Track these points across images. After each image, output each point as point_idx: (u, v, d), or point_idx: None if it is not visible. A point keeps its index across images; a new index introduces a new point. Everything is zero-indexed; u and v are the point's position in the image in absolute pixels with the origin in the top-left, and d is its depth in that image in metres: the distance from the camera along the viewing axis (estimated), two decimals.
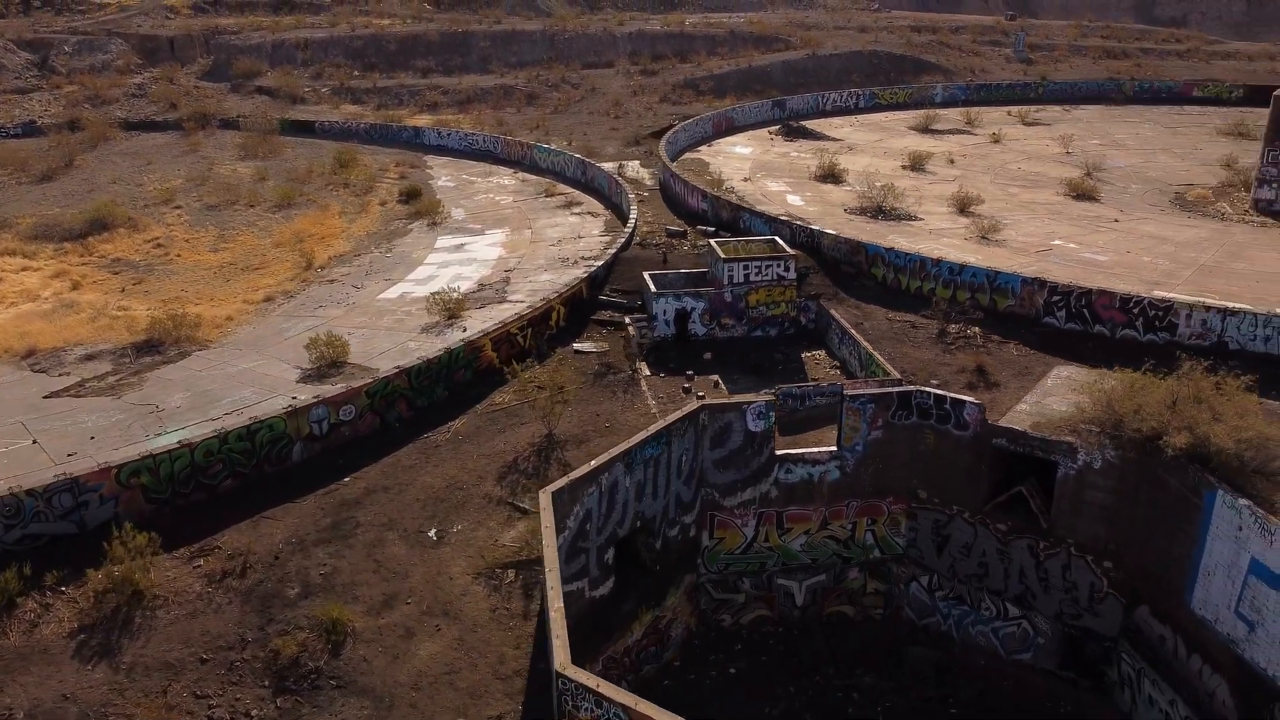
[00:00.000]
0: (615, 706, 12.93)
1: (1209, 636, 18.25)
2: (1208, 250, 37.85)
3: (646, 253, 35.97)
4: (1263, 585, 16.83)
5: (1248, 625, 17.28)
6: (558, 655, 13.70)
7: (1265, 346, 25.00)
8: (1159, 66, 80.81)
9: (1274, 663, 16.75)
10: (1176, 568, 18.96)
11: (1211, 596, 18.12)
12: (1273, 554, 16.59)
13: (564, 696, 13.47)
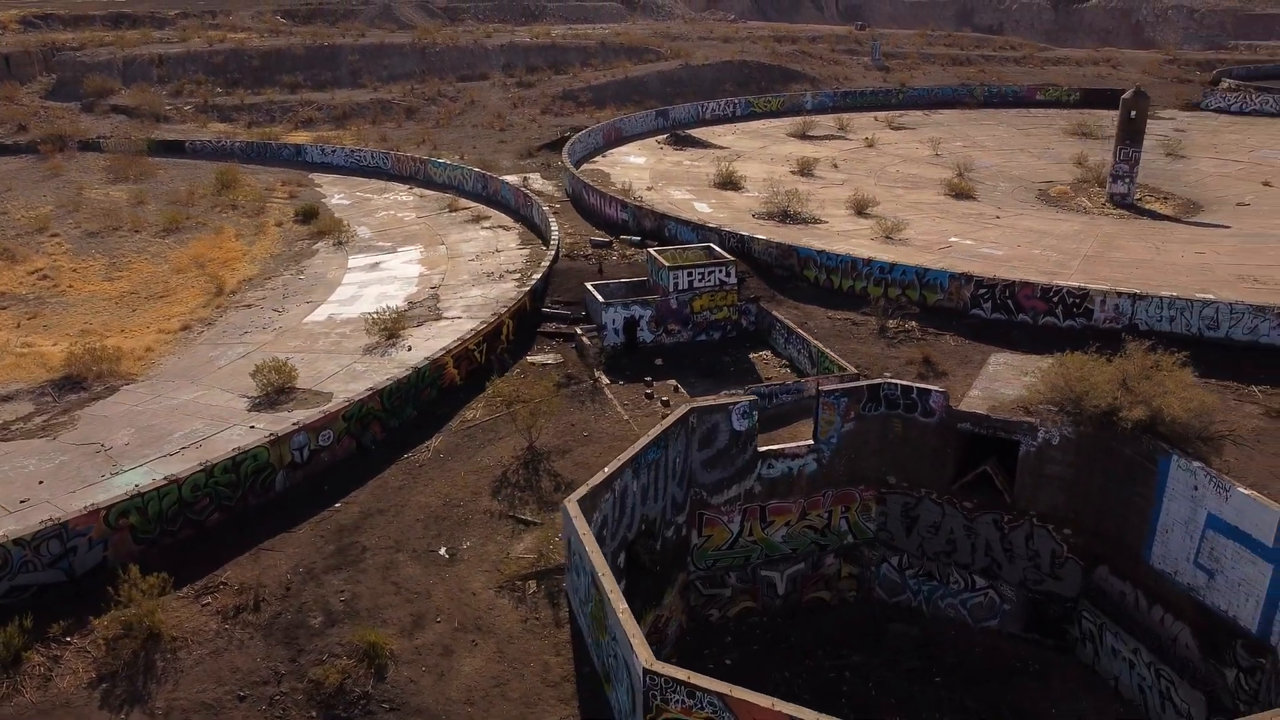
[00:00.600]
0: (710, 695, 13.61)
1: (1169, 588, 20.35)
2: (1085, 241, 41.31)
3: (577, 264, 36.52)
4: (1220, 537, 18.96)
5: (1207, 574, 19.40)
6: (641, 653, 14.25)
7: (1170, 327, 27.79)
8: (1000, 72, 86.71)
9: (1234, 604, 18.90)
10: (1134, 529, 21.02)
11: (1170, 551, 20.23)
12: (1228, 509, 18.73)
13: (652, 693, 14.03)
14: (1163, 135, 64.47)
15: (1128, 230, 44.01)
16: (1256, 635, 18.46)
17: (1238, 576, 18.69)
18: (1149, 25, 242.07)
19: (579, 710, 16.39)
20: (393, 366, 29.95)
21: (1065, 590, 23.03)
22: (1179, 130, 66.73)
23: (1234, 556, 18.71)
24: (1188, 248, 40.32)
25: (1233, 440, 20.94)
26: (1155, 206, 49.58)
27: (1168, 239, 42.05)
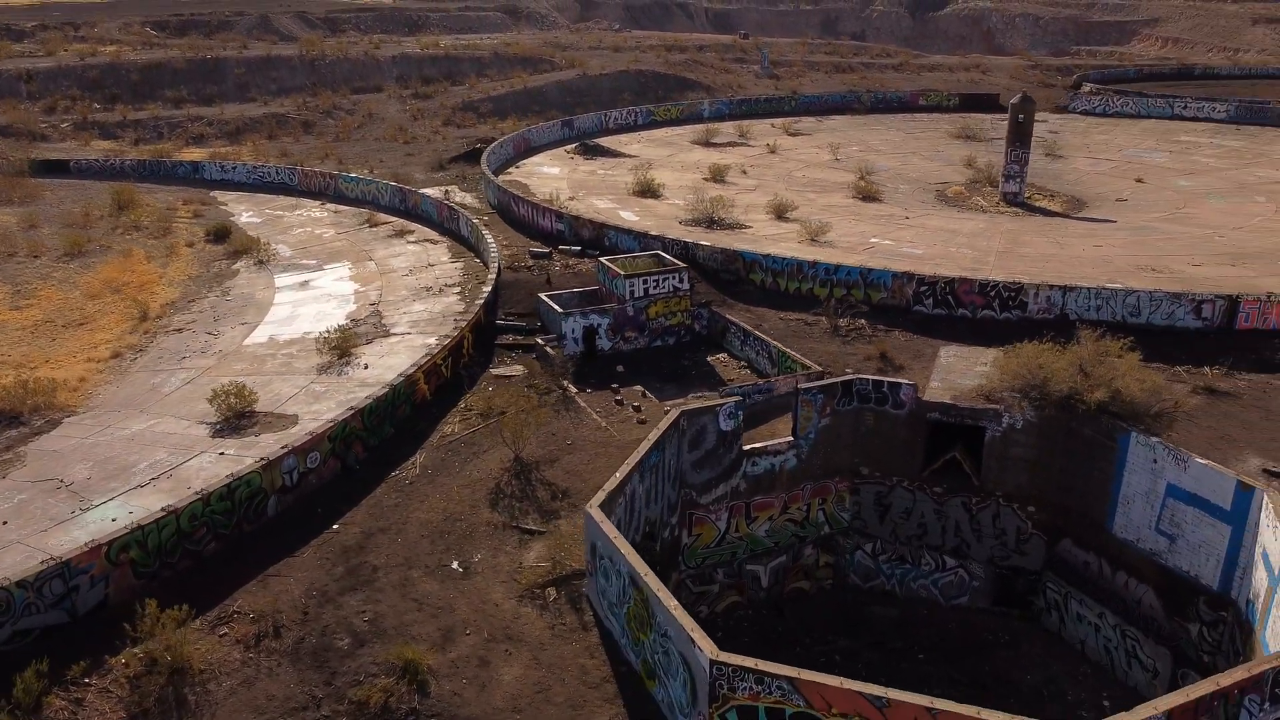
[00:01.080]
0: (779, 679, 14.33)
1: (1132, 554, 22.17)
2: (993, 239, 43.88)
3: (520, 276, 36.76)
4: (1180, 504, 20.82)
5: (1169, 539, 21.26)
6: (705, 646, 14.85)
7: (1096, 315, 30.03)
8: (881, 78, 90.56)
9: (1195, 565, 20.78)
10: (1096, 502, 22.81)
11: (1132, 520, 22.05)
12: (1187, 478, 20.60)
13: (718, 682, 14.65)
14: (1040, 137, 68.54)
15: (1028, 227, 46.89)
16: (1218, 591, 20.36)
17: (1198, 539, 20.56)
18: (999, 32, 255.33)
19: (625, 708, 16.85)
20: (353, 385, 29.68)
21: (1030, 564, 24.72)
22: (1053, 132, 71.16)
23: (1194, 521, 20.59)
24: (1085, 242, 43.33)
25: (1180, 415, 22.93)
26: (1044, 204, 52.84)
27: (1066, 234, 45.03)
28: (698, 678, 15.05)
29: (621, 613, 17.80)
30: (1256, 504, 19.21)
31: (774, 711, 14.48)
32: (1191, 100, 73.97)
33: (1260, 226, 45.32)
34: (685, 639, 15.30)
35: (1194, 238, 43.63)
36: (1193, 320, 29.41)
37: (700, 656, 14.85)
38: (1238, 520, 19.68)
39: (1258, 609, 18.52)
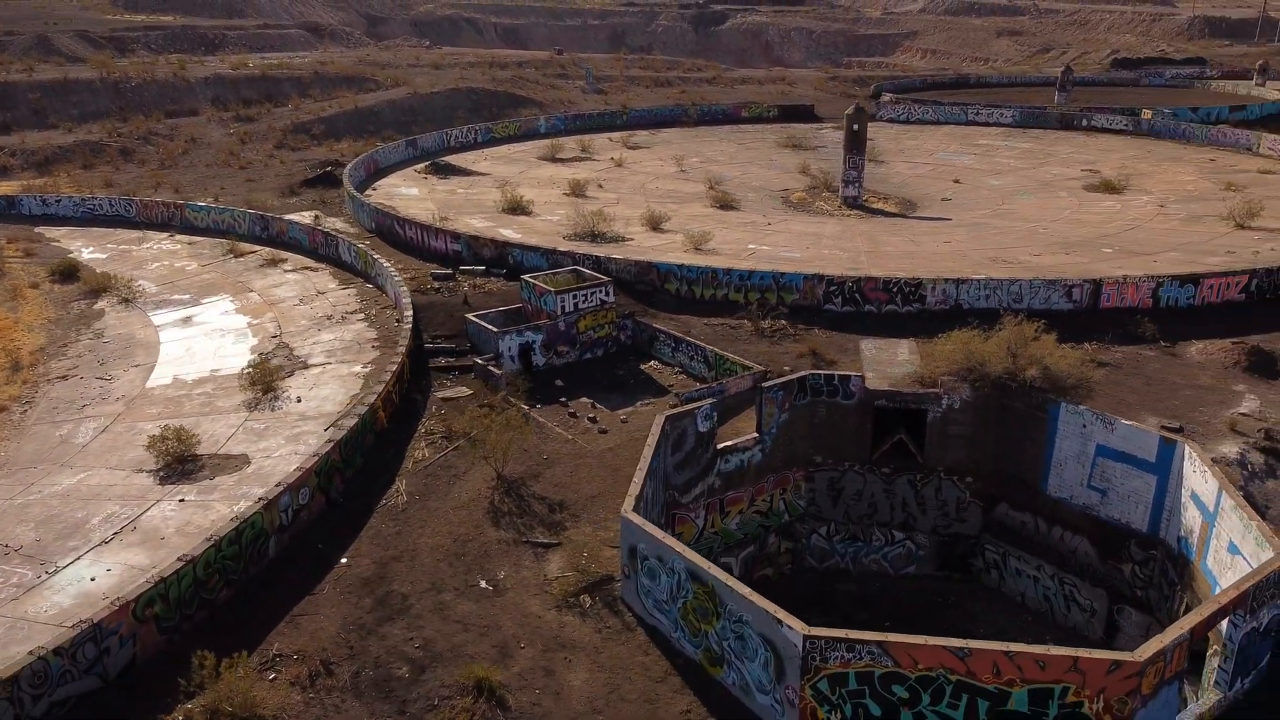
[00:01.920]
0: (869, 645, 15.86)
1: (1067, 510, 25.26)
2: (855, 239, 47.45)
3: (432, 298, 36.65)
4: (1109, 461, 24.00)
5: (1100, 493, 24.43)
6: (794, 623, 16.18)
7: (986, 303, 33.51)
8: (700, 92, 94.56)
9: (1126, 513, 24.00)
10: (1030, 468, 25.79)
11: (1065, 480, 25.13)
12: (1115, 438, 23.80)
13: (811, 655, 16.01)
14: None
15: (879, 228, 50.91)
16: (1147, 533, 23.64)
17: (1127, 490, 23.79)
18: (777, 45, 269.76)
19: (696, 696, 17.89)
20: (294, 419, 28.98)
21: (969, 530, 27.51)
22: (869, 139, 76.81)
23: (1123, 475, 23.81)
24: (934, 239, 47.61)
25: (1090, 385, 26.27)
26: (881, 206, 57.34)
27: (914, 233, 49.28)
28: (786, 655, 16.35)
29: (675, 609, 18.80)
30: (1179, 455, 22.54)
31: (863, 675, 15.99)
32: (982, 107, 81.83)
33: (1071, 219, 51.19)
34: (770, 621, 16.57)
35: (1022, 231, 48.81)
36: (1065, 303, 33.42)
37: (791, 634, 16.16)
38: (1162, 470, 22.98)
39: (1192, 543, 21.76)
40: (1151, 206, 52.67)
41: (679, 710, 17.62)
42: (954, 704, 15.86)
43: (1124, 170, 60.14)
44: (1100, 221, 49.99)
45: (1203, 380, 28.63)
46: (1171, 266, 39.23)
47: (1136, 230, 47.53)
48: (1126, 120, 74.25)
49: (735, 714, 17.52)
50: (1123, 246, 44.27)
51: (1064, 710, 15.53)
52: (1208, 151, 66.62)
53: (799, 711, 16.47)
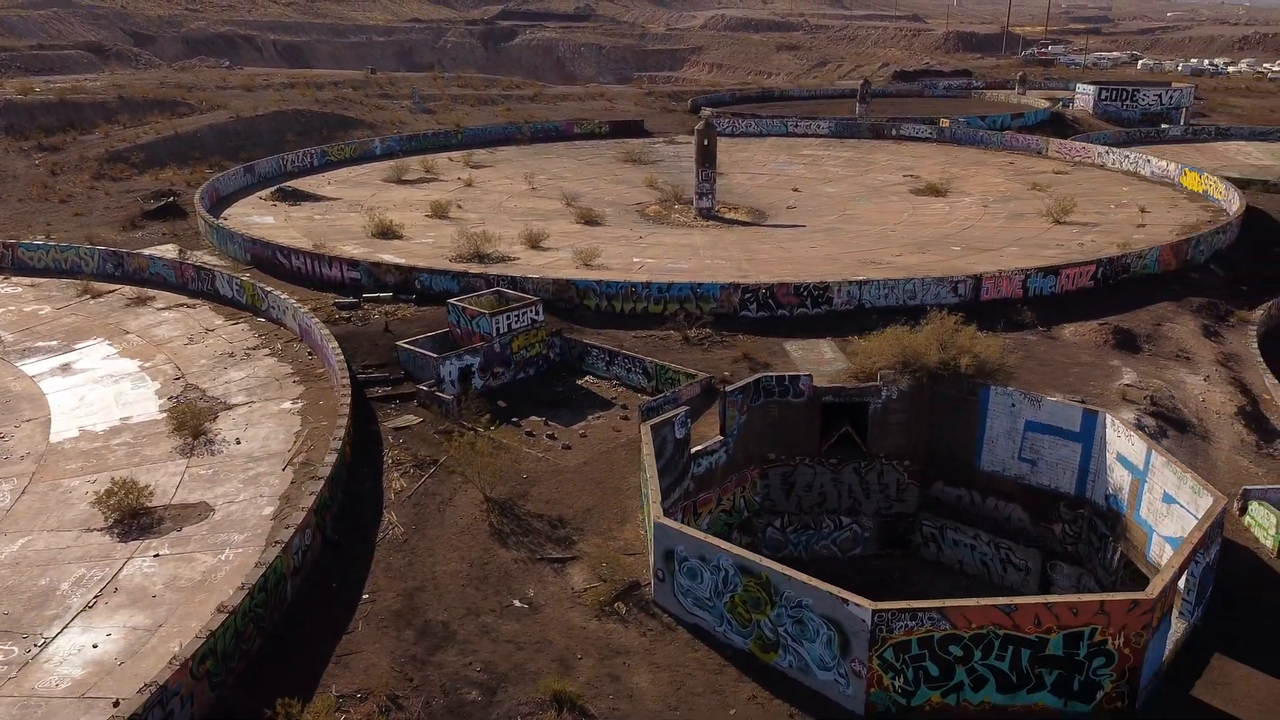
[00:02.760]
0: (929, 612, 17.64)
1: (1000, 481, 28.25)
2: (729, 249, 49.90)
3: (345, 328, 35.89)
4: (1038, 435, 27.12)
5: (1030, 464, 27.52)
6: (861, 601, 17.74)
7: (886, 301, 36.50)
8: (527, 110, 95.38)
9: (1054, 479, 27.17)
10: (964, 447, 28.64)
11: (997, 455, 28.10)
12: (1042, 413, 26.92)
13: (879, 627, 17.61)
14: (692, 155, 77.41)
15: (745, 237, 53.68)
16: (1074, 495, 26.89)
17: (1055, 459, 26.97)
18: (568, 60, 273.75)
19: (756, 681, 19.12)
20: (243, 461, 28.00)
21: (907, 508, 30.11)
22: None
23: (1050, 446, 26.97)
24: (800, 245, 50.85)
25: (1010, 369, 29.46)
26: (734, 216, 60.34)
27: (780, 240, 52.39)
28: (852, 630, 17.89)
29: (720, 604, 19.95)
30: (1100, 424, 25.85)
31: (924, 640, 17.77)
32: (800, 119, 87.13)
33: (912, 221, 55.92)
34: (834, 602, 18.07)
35: (874, 234, 52.92)
36: (952, 297, 36.93)
37: (859, 611, 17.73)
38: (1086, 439, 26.25)
39: (1122, 499, 25.04)
40: (976, 207, 58.30)
41: (745, 697, 18.79)
42: (1001, 656, 17.91)
43: (939, 174, 66.00)
44: (938, 222, 54.92)
45: (1084, 359, 32.61)
46: (1016, 260, 44.00)
47: (973, 229, 52.60)
48: (930, 129, 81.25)
49: (796, 694, 18.87)
50: (968, 244, 48.98)
51: (1092, 649, 17.89)
52: (1005, 155, 74.09)
53: (865, 681, 18.04)
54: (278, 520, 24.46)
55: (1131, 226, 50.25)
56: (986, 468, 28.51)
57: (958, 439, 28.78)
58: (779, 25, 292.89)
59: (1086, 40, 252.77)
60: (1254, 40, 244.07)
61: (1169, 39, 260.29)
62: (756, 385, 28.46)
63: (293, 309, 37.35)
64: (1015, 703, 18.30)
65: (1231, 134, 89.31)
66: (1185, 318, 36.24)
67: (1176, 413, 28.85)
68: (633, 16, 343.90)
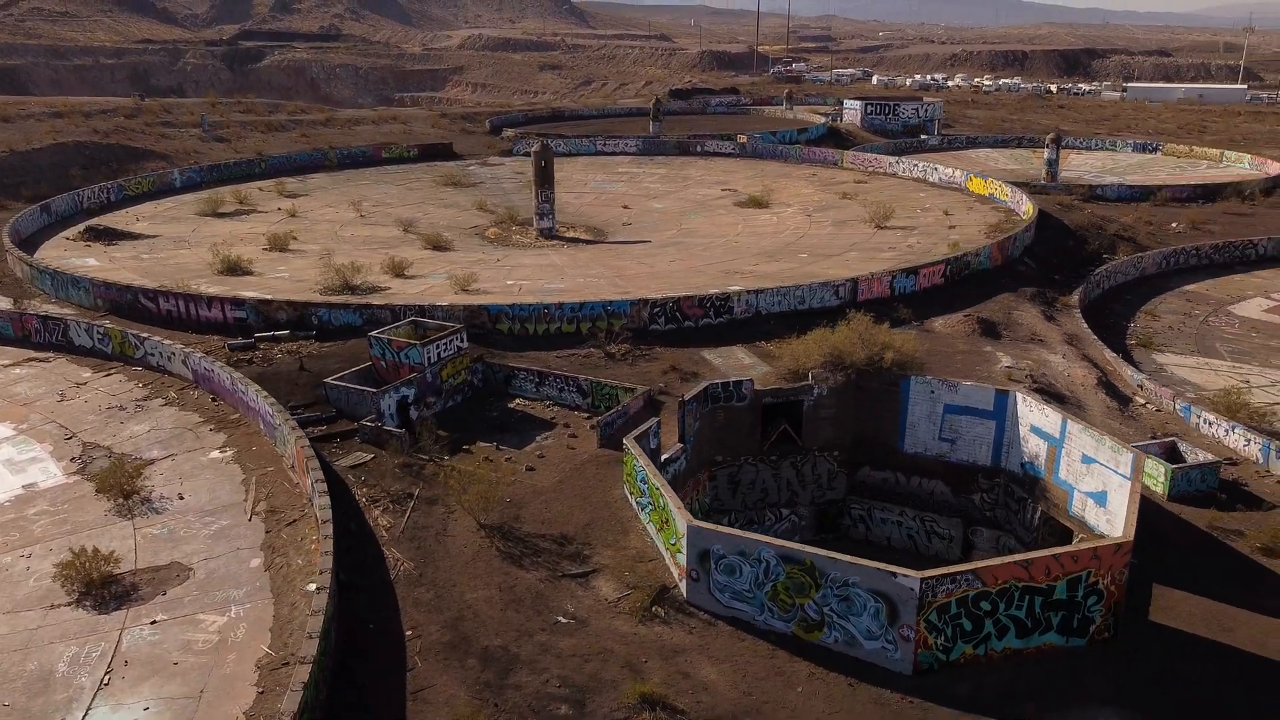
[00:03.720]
0: (966, 574, 20.04)
1: (923, 461, 31.50)
2: (592, 266, 51.38)
3: (259, 369, 34.41)
4: (956, 416, 30.56)
5: (950, 443, 30.93)
6: (908, 571, 19.87)
7: (779, 307, 39.29)
8: (324, 134, 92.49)
9: (972, 454, 30.69)
10: (887, 433, 31.71)
11: (919, 438, 31.35)
12: (959, 397, 30.37)
13: (925, 594, 19.80)
14: (512, 178, 78.46)
15: (602, 255, 55.30)
16: (990, 466, 30.53)
17: (972, 436, 30.51)
18: (323, 82, 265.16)
19: (804, 658, 20.84)
20: (197, 517, 26.68)
21: (837, 495, 32.87)
22: (518, 173, 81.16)
23: (968, 425, 30.49)
24: (658, 259, 53.10)
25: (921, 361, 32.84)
26: (576, 235, 61.87)
27: (636, 255, 54.40)
28: (901, 600, 19.99)
29: (761, 594, 21.51)
30: (1012, 401, 29.59)
31: (960, 600, 20.16)
32: (607, 138, 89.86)
33: (749, 232, 59.64)
34: (883, 576, 20.11)
35: (721, 246, 56.11)
36: (834, 299, 40.29)
37: (907, 581, 19.85)
38: (999, 416, 29.92)
39: (1039, 464, 28.78)
40: (801, 217, 62.97)
41: (805, 675, 20.47)
42: (1020, 605, 20.62)
43: (755, 188, 70.57)
44: (772, 232, 58.95)
45: (961, 347, 36.75)
46: (859, 263, 48.44)
47: (808, 237, 56.94)
48: (732, 145, 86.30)
49: (847, 665, 20.73)
50: (811, 251, 53.09)
51: (1087, 589, 20.96)
52: (806, 168, 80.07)
53: (913, 644, 20.21)
54: (272, 571, 23.67)
55: (944, 228, 56.26)
56: (910, 450, 31.71)
57: (882, 426, 31.81)
58: (537, 45, 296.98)
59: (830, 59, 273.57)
60: (962, 58, 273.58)
61: (892, 56, 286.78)
62: (705, 392, 30.22)
63: (182, 354, 35.29)
64: (1029, 645, 21.07)
65: (979, 142, 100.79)
66: (1026, 305, 41.53)
67: (1053, 387, 33.30)
68: (384, 36, 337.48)
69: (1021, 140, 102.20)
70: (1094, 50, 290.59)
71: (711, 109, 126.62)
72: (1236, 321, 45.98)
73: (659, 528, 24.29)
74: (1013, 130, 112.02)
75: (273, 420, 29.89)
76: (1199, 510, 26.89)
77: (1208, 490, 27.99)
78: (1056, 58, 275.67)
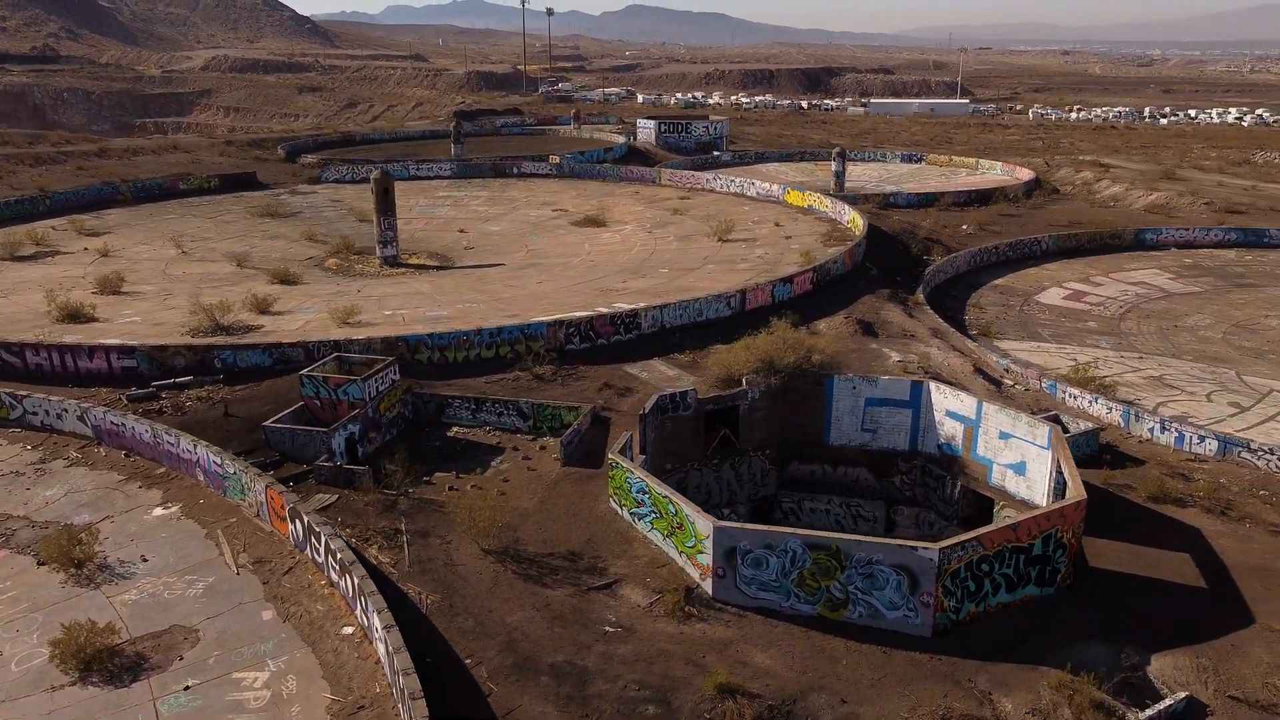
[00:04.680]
0: (971, 541, 22.79)
1: (847, 452, 34.49)
2: (465, 292, 51.41)
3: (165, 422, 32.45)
4: (876, 408, 33.77)
5: (871, 432, 34.10)
6: (928, 544, 22.35)
7: (680, 320, 41.29)
8: (104, 166, 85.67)
9: (892, 441, 33.98)
10: (813, 428, 34.50)
11: (843, 431, 34.33)
12: (878, 391, 33.61)
13: (943, 563, 22.35)
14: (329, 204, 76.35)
15: (466, 280, 55.27)
16: (908, 451, 33.96)
17: (891, 425, 33.82)
18: (49, 108, 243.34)
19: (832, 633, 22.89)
20: (173, 578, 25.34)
21: (769, 490, 35.30)
22: (335, 200, 78.90)
23: (887, 416, 33.77)
24: (528, 281, 53.81)
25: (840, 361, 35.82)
26: (421, 261, 61.53)
27: (505, 279, 54.77)
28: (921, 570, 22.43)
29: (788, 581, 23.35)
30: (925, 391, 33.13)
31: (968, 564, 22.92)
32: (419, 161, 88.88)
33: (601, 250, 61.41)
34: (904, 551, 22.52)
35: (579, 265, 57.61)
36: (726, 310, 42.83)
37: (927, 553, 22.34)
38: (915, 405, 33.38)
39: (957, 445, 32.41)
40: (643, 233, 65.52)
41: (842, 648, 22.48)
42: (1009, 564, 23.67)
43: (586, 207, 72.53)
44: (623, 250, 61.08)
45: (851, 345, 40.27)
46: (721, 274, 51.59)
47: (661, 252, 59.51)
48: (547, 165, 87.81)
49: (874, 636, 22.92)
50: (671, 266, 55.63)
51: (1056, 544, 24.34)
52: (626, 186, 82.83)
53: (932, 609, 22.75)
54: (293, 620, 23.04)
55: (781, 238, 60.57)
56: (835, 443, 34.64)
57: (808, 423, 34.55)
58: (290, 66, 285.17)
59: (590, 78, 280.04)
60: (715, 77, 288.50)
61: (650, 76, 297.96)
62: (657, 405, 31.76)
63: (77, 410, 32.73)
64: (1015, 598, 24.17)
65: (766, 157, 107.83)
66: (889, 305, 45.91)
67: (941, 377, 37.34)
68: (112, 57, 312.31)
69: (804, 154, 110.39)
70: (831, 69, 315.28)
71: (505, 130, 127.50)
72: (1045, 309, 52.77)
73: (667, 534, 25.61)
74: (788, 145, 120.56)
75: (222, 470, 28.59)
76: (1093, 471, 31.30)
77: (1092, 454, 32.61)
78: (800, 76, 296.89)
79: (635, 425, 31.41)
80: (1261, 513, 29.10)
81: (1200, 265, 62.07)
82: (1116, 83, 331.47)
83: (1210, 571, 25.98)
